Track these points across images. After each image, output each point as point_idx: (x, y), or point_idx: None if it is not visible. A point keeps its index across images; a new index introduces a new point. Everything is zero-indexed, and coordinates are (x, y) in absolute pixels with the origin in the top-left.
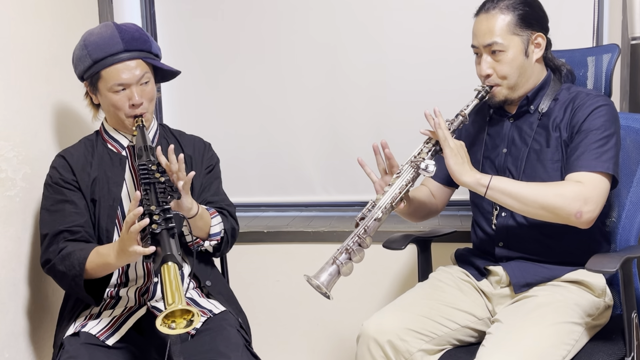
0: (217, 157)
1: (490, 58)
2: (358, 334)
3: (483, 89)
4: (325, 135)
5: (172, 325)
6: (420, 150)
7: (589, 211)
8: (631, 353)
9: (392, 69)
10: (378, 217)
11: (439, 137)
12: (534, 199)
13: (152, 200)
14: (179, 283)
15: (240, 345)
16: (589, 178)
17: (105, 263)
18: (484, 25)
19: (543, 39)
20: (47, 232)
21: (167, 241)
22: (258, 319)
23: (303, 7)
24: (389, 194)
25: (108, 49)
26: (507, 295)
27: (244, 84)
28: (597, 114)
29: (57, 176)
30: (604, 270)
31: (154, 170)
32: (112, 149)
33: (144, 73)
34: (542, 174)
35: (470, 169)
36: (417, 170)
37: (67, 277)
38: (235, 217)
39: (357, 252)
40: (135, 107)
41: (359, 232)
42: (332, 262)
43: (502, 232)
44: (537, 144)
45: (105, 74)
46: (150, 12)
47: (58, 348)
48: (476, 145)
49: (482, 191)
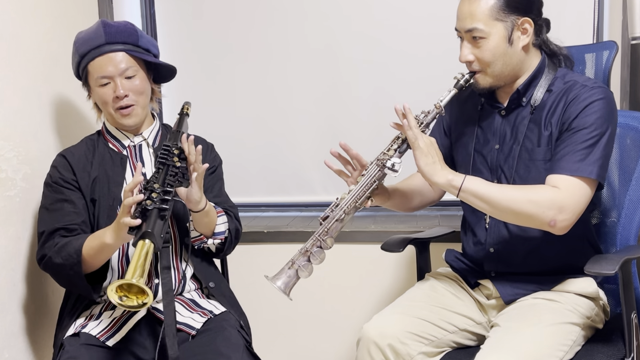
0: (220, 158)
1: (471, 44)
2: (358, 337)
3: (462, 78)
4: (325, 135)
5: (123, 298)
6: (389, 147)
7: (563, 220)
8: (631, 354)
9: (392, 68)
10: (340, 217)
11: (408, 138)
12: (507, 204)
13: (159, 179)
14: (146, 261)
15: (241, 345)
16: (568, 183)
17: (101, 243)
18: (466, 7)
19: (530, 25)
20: (43, 229)
21: (153, 219)
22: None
23: (303, 6)
24: (352, 194)
25: (91, 42)
26: (500, 305)
27: (244, 83)
28: (590, 110)
29: (57, 175)
30: (602, 273)
31: (175, 154)
32: (113, 148)
33: (128, 66)
34: (535, 174)
35: (441, 169)
36: (383, 169)
37: (65, 268)
38: (239, 219)
39: (316, 255)
40: (119, 99)
41: (318, 234)
42: (290, 265)
43: (495, 235)
44: (529, 141)
45: (90, 67)
46: (150, 12)
47: (58, 348)
48: (467, 137)
49: (454, 192)
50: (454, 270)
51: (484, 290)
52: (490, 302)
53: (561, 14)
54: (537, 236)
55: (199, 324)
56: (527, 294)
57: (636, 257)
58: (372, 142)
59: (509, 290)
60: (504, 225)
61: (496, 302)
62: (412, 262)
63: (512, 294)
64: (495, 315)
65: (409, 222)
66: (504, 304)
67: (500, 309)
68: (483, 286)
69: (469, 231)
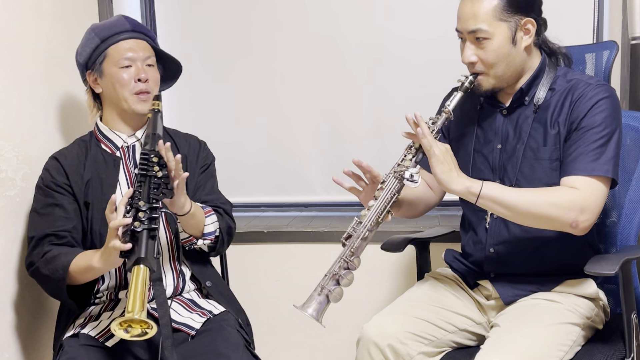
0: (213, 155)
1: (474, 45)
2: (358, 337)
3: (467, 80)
4: (325, 135)
5: (128, 329)
6: (404, 156)
7: (585, 220)
8: (631, 354)
9: (392, 69)
10: (365, 235)
11: (423, 146)
12: (527, 208)
13: (143, 194)
14: (144, 289)
15: (241, 345)
16: (586, 183)
17: (88, 266)
18: (469, 8)
19: (533, 25)
20: (33, 234)
21: (144, 242)
22: (258, 319)
23: (303, 6)
24: (374, 210)
25: (115, 28)
26: (499, 305)
27: (244, 83)
28: (597, 109)
29: (49, 179)
30: (602, 273)
31: (155, 162)
32: (106, 149)
33: (149, 55)
34: (540, 173)
35: (458, 176)
36: (402, 181)
37: (51, 281)
38: (231, 215)
39: (345, 276)
40: (142, 81)
41: (345, 255)
42: (320, 291)
43: (495, 235)
44: (534, 141)
45: (112, 50)
46: (150, 11)
47: (57, 349)
48: (466, 137)
49: (472, 199)
50: (453, 270)
51: (483, 290)
52: (490, 303)
53: (561, 13)
54: (538, 237)
55: (199, 324)
56: (526, 294)
57: (636, 257)
58: (371, 144)
59: (509, 291)
60: (504, 226)
61: (495, 303)
62: (412, 262)
63: (512, 295)
64: (495, 315)
65: (409, 222)
66: (503, 305)
67: (500, 309)
68: (482, 287)
69: (470, 230)
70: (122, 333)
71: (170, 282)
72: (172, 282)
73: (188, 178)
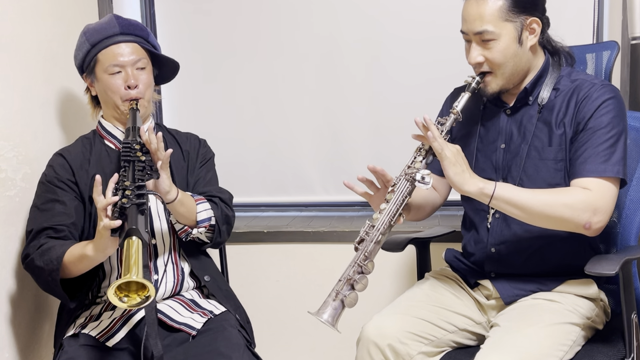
0: (212, 152)
1: (481, 46)
2: (358, 337)
3: (474, 80)
4: (325, 135)
5: (124, 299)
6: (414, 159)
7: (598, 221)
8: (631, 354)
9: (392, 69)
10: (378, 239)
11: (434, 149)
12: (541, 209)
13: (128, 176)
14: (139, 258)
15: (241, 345)
16: (598, 185)
17: (82, 254)
18: (474, 9)
19: (538, 25)
20: (32, 228)
21: (134, 216)
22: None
23: (303, 6)
24: (386, 213)
25: (104, 32)
26: (499, 305)
27: (244, 83)
28: (604, 110)
29: (53, 175)
30: (603, 273)
31: (137, 149)
32: (110, 145)
33: (140, 58)
34: (545, 173)
35: (470, 177)
36: (413, 183)
37: (44, 272)
38: (228, 203)
39: (359, 281)
40: (131, 88)
41: (359, 260)
42: (334, 296)
43: (496, 235)
44: (539, 140)
45: (101, 56)
46: (150, 11)
47: (57, 349)
48: (469, 137)
49: (485, 200)
50: (454, 270)
51: (483, 290)
52: (490, 303)
53: (561, 13)
54: (539, 237)
55: (199, 324)
56: (527, 294)
57: (636, 257)
58: (370, 143)
59: (509, 291)
60: (506, 225)
61: (496, 303)
62: (412, 262)
63: (512, 295)
64: (495, 315)
65: (409, 222)
66: (503, 304)
67: (500, 309)
68: (482, 286)
69: (472, 229)
70: (118, 301)
71: (171, 279)
72: (172, 278)
73: (188, 175)
